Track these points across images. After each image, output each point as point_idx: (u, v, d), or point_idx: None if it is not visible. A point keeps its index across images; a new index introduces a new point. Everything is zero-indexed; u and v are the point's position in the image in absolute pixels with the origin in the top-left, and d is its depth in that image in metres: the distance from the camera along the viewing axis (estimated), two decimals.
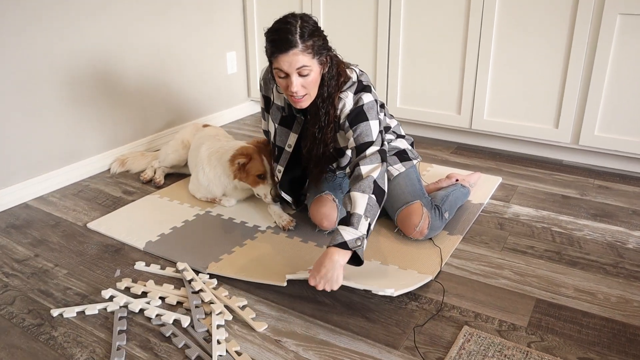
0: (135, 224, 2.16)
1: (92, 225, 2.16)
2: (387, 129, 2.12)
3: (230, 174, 2.19)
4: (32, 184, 2.42)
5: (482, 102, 2.79)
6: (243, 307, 1.65)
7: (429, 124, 3.05)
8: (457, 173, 2.38)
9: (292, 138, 1.97)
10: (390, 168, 2.03)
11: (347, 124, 1.78)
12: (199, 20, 3.15)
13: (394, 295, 1.56)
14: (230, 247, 1.97)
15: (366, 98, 1.79)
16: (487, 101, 2.79)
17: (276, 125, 1.99)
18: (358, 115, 1.77)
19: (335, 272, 1.56)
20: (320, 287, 1.57)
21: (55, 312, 1.63)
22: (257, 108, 3.77)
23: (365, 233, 1.60)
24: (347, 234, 1.58)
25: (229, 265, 1.84)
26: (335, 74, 1.77)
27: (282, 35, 1.64)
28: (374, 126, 1.77)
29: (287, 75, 1.67)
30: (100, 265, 1.90)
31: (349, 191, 1.69)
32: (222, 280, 1.79)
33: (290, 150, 1.99)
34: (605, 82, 2.47)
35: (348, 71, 1.83)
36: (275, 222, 2.15)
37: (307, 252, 1.93)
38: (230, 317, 1.60)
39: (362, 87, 1.81)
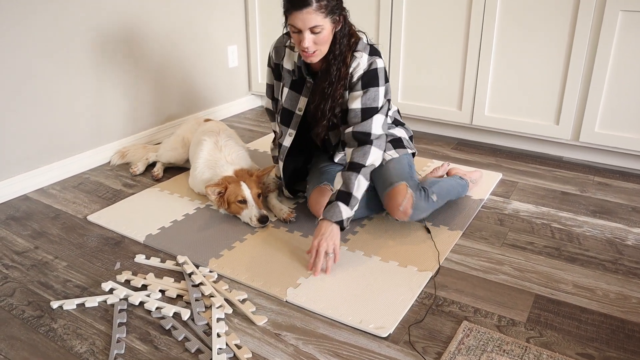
0: (135, 216, 2.16)
1: (92, 217, 2.16)
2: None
3: (214, 203, 2.16)
4: (32, 176, 2.42)
5: (483, 98, 2.79)
6: (243, 301, 1.65)
7: (430, 120, 3.05)
8: (459, 168, 2.37)
9: (302, 102, 1.99)
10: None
11: (359, 84, 1.85)
12: (200, 13, 3.14)
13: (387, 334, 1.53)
14: (231, 242, 1.97)
15: (379, 63, 1.85)
16: (488, 97, 2.79)
17: (287, 89, 2.00)
18: (371, 78, 1.84)
19: (334, 234, 1.76)
20: (322, 246, 1.74)
21: (55, 304, 1.63)
22: (258, 102, 3.76)
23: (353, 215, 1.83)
24: (345, 212, 1.78)
25: (229, 263, 1.84)
26: (347, 33, 1.82)
27: None
28: (381, 92, 1.86)
29: (300, 31, 1.73)
30: (100, 257, 1.90)
31: (355, 168, 1.81)
32: (222, 273, 1.79)
33: (300, 113, 2.01)
34: (606, 79, 2.47)
35: (358, 33, 1.88)
36: (275, 216, 2.15)
37: (307, 246, 1.93)
38: (230, 310, 1.60)
39: (375, 51, 1.87)
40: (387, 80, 1.91)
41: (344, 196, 1.80)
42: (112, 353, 1.44)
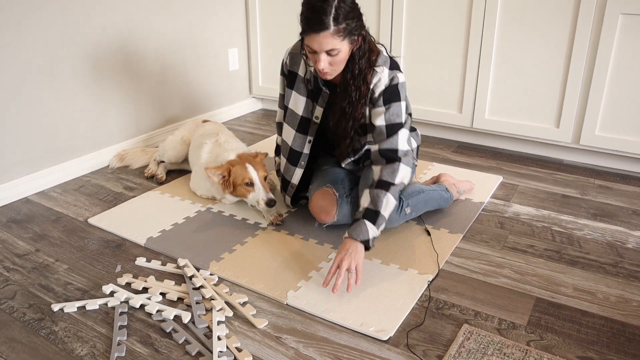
0: (136, 219, 2.16)
1: (93, 220, 2.17)
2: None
3: (219, 189, 2.17)
4: (33, 178, 2.43)
5: (484, 101, 2.80)
6: (244, 304, 1.65)
7: (430, 123, 3.05)
8: (450, 176, 2.31)
9: (318, 111, 1.96)
10: None
11: (380, 100, 1.81)
12: (201, 16, 3.14)
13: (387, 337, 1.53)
14: (232, 245, 1.97)
15: (400, 77, 1.83)
16: (488, 100, 2.79)
17: (303, 97, 1.96)
18: (392, 93, 1.81)
19: (359, 253, 1.70)
20: (345, 262, 1.66)
21: (55, 307, 1.64)
22: (259, 105, 3.76)
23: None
24: (372, 231, 1.74)
25: (230, 266, 1.84)
26: (366, 50, 1.76)
27: (315, 15, 1.62)
28: (403, 107, 1.84)
29: (316, 52, 1.68)
30: (101, 260, 1.90)
31: (383, 186, 1.77)
32: (223, 276, 1.79)
33: (317, 121, 1.97)
34: (607, 82, 2.47)
35: (378, 46, 1.84)
36: (264, 217, 2.14)
37: (308, 249, 1.94)
38: (230, 313, 1.60)
39: (396, 65, 1.84)
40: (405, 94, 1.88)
41: (371, 214, 1.75)
42: (113, 356, 1.44)
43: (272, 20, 3.40)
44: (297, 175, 2.07)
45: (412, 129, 2.13)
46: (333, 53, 1.67)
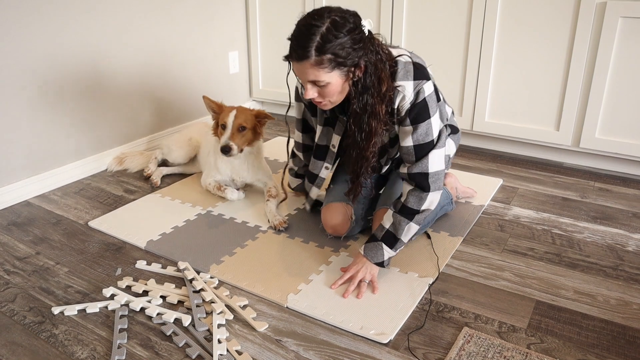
0: (136, 222, 2.17)
1: (93, 223, 2.17)
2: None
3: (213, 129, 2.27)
4: (33, 181, 2.43)
5: (484, 104, 2.80)
6: (244, 307, 1.65)
7: None
8: (455, 178, 2.27)
9: (335, 139, 1.85)
10: None
11: (407, 120, 1.63)
12: (201, 19, 3.15)
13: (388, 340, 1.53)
14: (232, 248, 1.97)
15: (427, 88, 1.61)
16: (488, 103, 2.80)
17: (320, 126, 1.88)
18: (420, 111, 1.61)
19: (374, 269, 1.73)
20: (360, 274, 1.70)
21: (56, 310, 1.64)
22: (259, 108, 3.76)
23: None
24: (388, 254, 1.73)
25: (230, 269, 1.84)
26: (374, 81, 1.55)
27: (298, 42, 1.49)
28: (435, 123, 1.65)
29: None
30: (102, 263, 1.90)
31: (408, 213, 1.68)
32: (223, 279, 1.79)
33: (334, 149, 1.87)
34: (606, 85, 2.48)
35: (395, 52, 1.63)
36: (268, 221, 2.15)
37: (308, 253, 1.94)
38: (231, 316, 1.60)
39: (420, 73, 1.61)
40: (439, 99, 1.68)
41: (391, 239, 1.72)
42: (113, 359, 1.44)
43: (272, 23, 3.41)
44: (314, 192, 2.05)
45: (454, 130, 1.99)
46: (319, 84, 1.53)
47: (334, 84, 1.53)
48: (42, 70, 2.37)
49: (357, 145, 1.66)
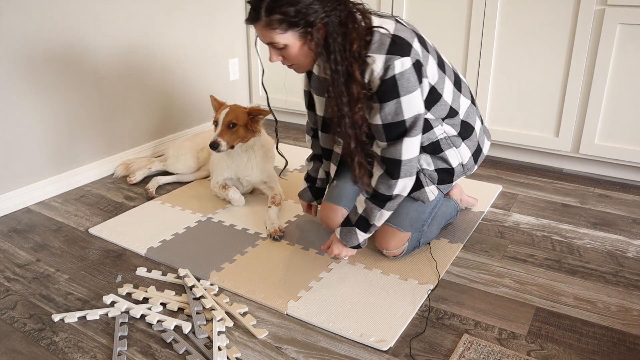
0: (137, 229, 2.17)
1: (93, 230, 2.17)
2: (451, 111, 1.72)
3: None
4: (34, 188, 2.43)
5: (483, 110, 2.81)
6: (244, 314, 1.65)
7: None
8: (460, 188, 2.23)
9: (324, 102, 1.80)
10: (426, 188, 1.80)
11: (375, 97, 1.54)
12: (201, 27, 3.16)
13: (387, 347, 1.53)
14: (232, 255, 1.97)
15: (400, 65, 1.49)
16: (487, 109, 2.80)
17: (318, 96, 1.83)
18: (388, 89, 1.51)
19: (350, 251, 1.81)
20: (341, 254, 1.80)
21: (56, 317, 1.64)
22: None
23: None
24: (362, 237, 1.76)
25: (230, 276, 1.84)
26: (340, 42, 1.47)
27: (252, 3, 1.49)
28: (406, 103, 1.53)
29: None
30: (102, 270, 1.90)
31: (379, 200, 1.66)
32: (223, 286, 1.79)
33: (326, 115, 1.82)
34: (606, 91, 2.48)
35: (378, 21, 1.53)
36: (266, 227, 2.14)
37: (308, 260, 1.94)
38: (231, 323, 1.60)
39: (398, 47, 1.49)
40: (420, 80, 1.54)
41: (364, 224, 1.73)
42: None
43: None
44: (332, 169, 1.98)
45: (467, 130, 1.80)
46: (278, 46, 1.51)
47: (291, 46, 1.50)
48: (42, 79, 2.38)
49: (342, 114, 1.55)
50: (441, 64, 1.69)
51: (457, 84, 1.76)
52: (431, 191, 1.82)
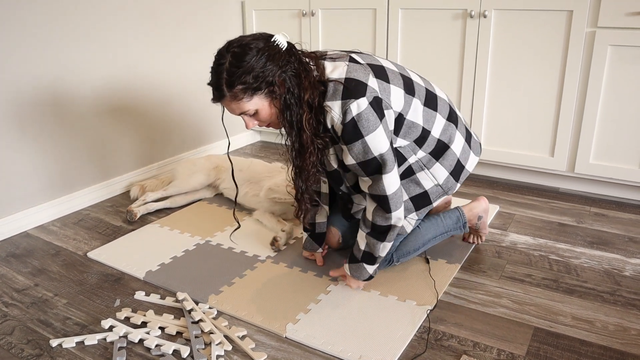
0: (135, 253, 2.17)
1: (92, 254, 2.17)
2: (424, 132, 1.74)
3: None
4: (32, 212, 2.44)
5: (479, 131, 2.83)
6: (243, 337, 1.65)
7: None
8: (487, 215, 2.14)
9: None
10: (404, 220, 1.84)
11: (342, 140, 1.60)
12: (199, 50, 3.21)
13: None
14: (230, 278, 1.97)
15: (354, 108, 1.53)
16: (483, 131, 2.83)
17: None
18: (350, 131, 1.55)
19: (360, 283, 1.86)
20: (351, 285, 1.86)
21: (54, 342, 1.63)
22: (257, 137, 3.81)
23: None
24: (371, 269, 1.80)
25: (229, 299, 1.84)
26: (296, 94, 1.55)
27: (213, 84, 1.57)
28: (373, 140, 1.56)
29: None
30: (100, 294, 1.90)
31: (378, 233, 1.71)
32: (222, 309, 1.79)
33: None
34: (599, 111, 2.52)
35: (330, 66, 1.59)
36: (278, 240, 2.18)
37: (307, 282, 1.94)
38: (229, 347, 1.60)
39: (352, 90, 1.54)
40: (381, 116, 1.57)
41: (369, 258, 1.78)
42: None
43: None
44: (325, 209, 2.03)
45: (440, 148, 1.80)
46: (249, 113, 1.59)
47: (261, 108, 1.57)
48: (41, 102, 2.40)
49: (295, 163, 1.69)
50: (409, 87, 1.71)
51: (431, 101, 1.77)
52: (409, 222, 1.87)
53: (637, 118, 2.44)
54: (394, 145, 1.72)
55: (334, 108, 1.55)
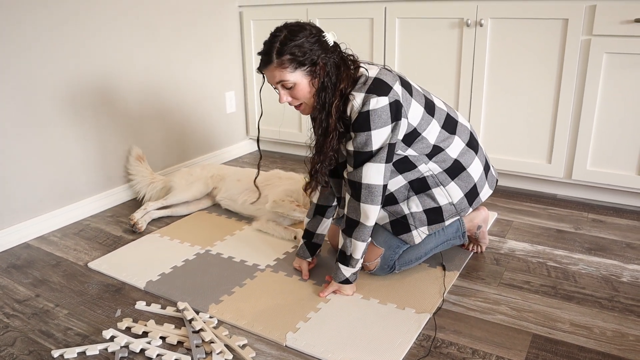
0: (136, 263, 2.18)
1: (93, 264, 2.18)
2: (435, 149, 1.84)
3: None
4: (33, 223, 2.45)
5: None
6: (243, 346, 1.66)
7: None
8: (487, 224, 2.15)
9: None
10: (414, 232, 1.90)
11: (352, 127, 1.71)
12: (199, 61, 3.23)
13: None
14: (230, 288, 1.98)
15: (374, 102, 1.65)
16: (481, 138, 2.85)
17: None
18: (362, 121, 1.67)
19: (344, 289, 1.89)
20: (339, 294, 1.90)
21: (56, 353, 1.64)
22: (255, 146, 3.83)
23: (360, 268, 1.87)
24: (346, 271, 1.85)
25: (229, 309, 1.85)
26: (333, 80, 1.70)
27: (264, 50, 1.71)
28: (376, 137, 1.68)
29: (276, 87, 1.75)
30: (101, 305, 1.91)
31: (348, 227, 1.79)
32: (222, 319, 1.80)
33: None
34: (595, 118, 2.54)
35: (363, 67, 1.74)
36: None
37: (306, 291, 1.95)
38: (230, 356, 1.61)
39: (378, 88, 1.67)
40: (395, 118, 1.68)
41: (344, 257, 1.84)
42: None
43: None
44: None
45: (455, 171, 1.88)
46: (287, 85, 1.71)
47: (299, 83, 1.70)
48: (40, 113, 2.42)
49: (318, 141, 1.80)
50: (430, 109, 1.83)
51: (449, 125, 1.87)
52: (418, 234, 1.91)
53: (634, 124, 2.47)
54: (405, 153, 1.81)
55: (357, 98, 1.69)
